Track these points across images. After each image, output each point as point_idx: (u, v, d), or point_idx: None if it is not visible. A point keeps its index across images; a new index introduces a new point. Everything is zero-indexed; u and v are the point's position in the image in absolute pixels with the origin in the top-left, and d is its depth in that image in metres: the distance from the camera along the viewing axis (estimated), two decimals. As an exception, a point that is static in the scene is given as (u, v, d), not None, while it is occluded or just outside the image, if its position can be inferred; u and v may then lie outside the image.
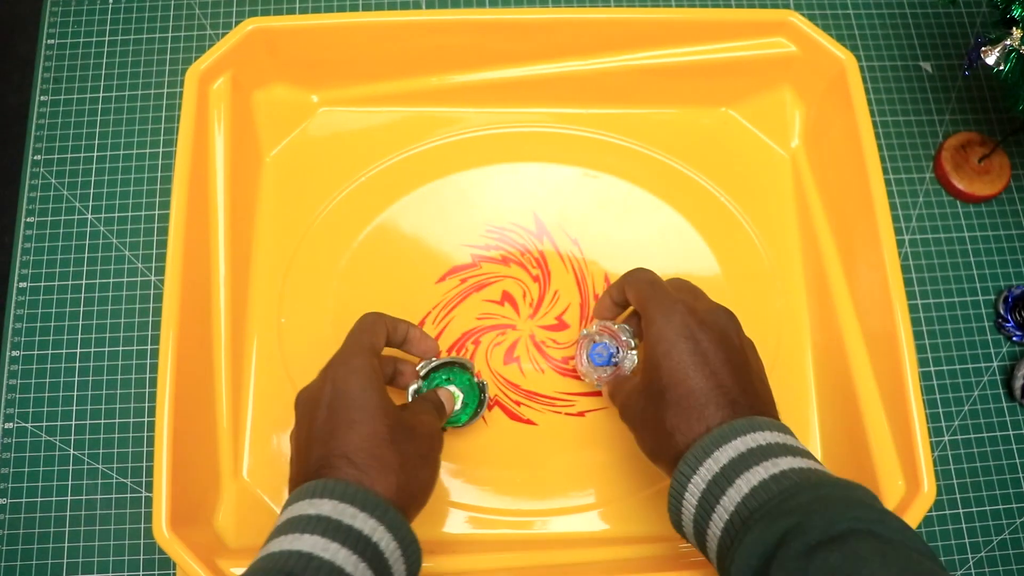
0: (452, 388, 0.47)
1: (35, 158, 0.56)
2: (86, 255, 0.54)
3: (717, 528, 0.34)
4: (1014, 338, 0.54)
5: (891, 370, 0.46)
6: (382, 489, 0.36)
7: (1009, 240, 0.57)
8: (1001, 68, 0.46)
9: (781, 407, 0.51)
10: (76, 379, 0.51)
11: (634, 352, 0.46)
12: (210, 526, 0.46)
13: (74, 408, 0.51)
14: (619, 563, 0.45)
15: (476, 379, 0.48)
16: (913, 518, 0.42)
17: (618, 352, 0.47)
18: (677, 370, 0.38)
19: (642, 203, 0.55)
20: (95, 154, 0.56)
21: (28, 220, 0.55)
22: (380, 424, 0.38)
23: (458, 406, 0.47)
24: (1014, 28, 0.45)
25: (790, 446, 0.35)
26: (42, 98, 0.57)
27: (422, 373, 0.47)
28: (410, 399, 0.46)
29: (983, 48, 0.47)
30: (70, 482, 0.49)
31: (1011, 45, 0.46)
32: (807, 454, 0.36)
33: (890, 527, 0.31)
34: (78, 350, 0.52)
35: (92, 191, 0.55)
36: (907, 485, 0.44)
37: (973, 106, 0.60)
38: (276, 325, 0.51)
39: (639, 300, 0.42)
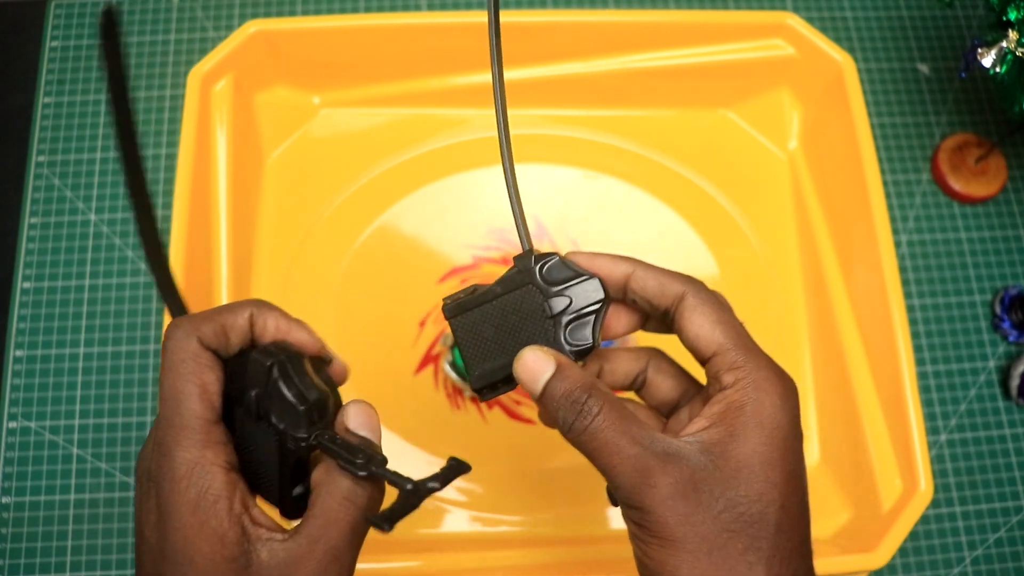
0: None
1: (39, 159, 0.56)
2: (89, 256, 0.54)
3: None
4: (1010, 338, 0.54)
5: (888, 370, 0.46)
6: None
7: (1005, 241, 0.57)
8: (997, 70, 0.46)
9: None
10: (80, 379, 0.52)
11: None
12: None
13: (77, 407, 0.51)
14: (619, 562, 0.46)
15: None
16: (910, 517, 0.43)
17: None
18: (785, 497, 0.25)
19: (641, 204, 0.55)
20: (98, 155, 0.56)
21: (32, 221, 0.55)
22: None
23: None
24: (1010, 30, 0.46)
25: None
26: (46, 100, 0.57)
27: (450, 343, 0.47)
28: (448, 371, 0.45)
29: (979, 50, 0.47)
30: (73, 481, 0.50)
31: (1007, 47, 0.46)
32: None
33: None
34: (81, 350, 0.52)
35: (95, 192, 0.55)
36: (904, 484, 0.44)
37: (970, 107, 0.60)
38: (278, 325, 0.51)
39: (721, 336, 0.26)
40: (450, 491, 0.48)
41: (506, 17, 0.53)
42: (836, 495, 0.48)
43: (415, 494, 0.24)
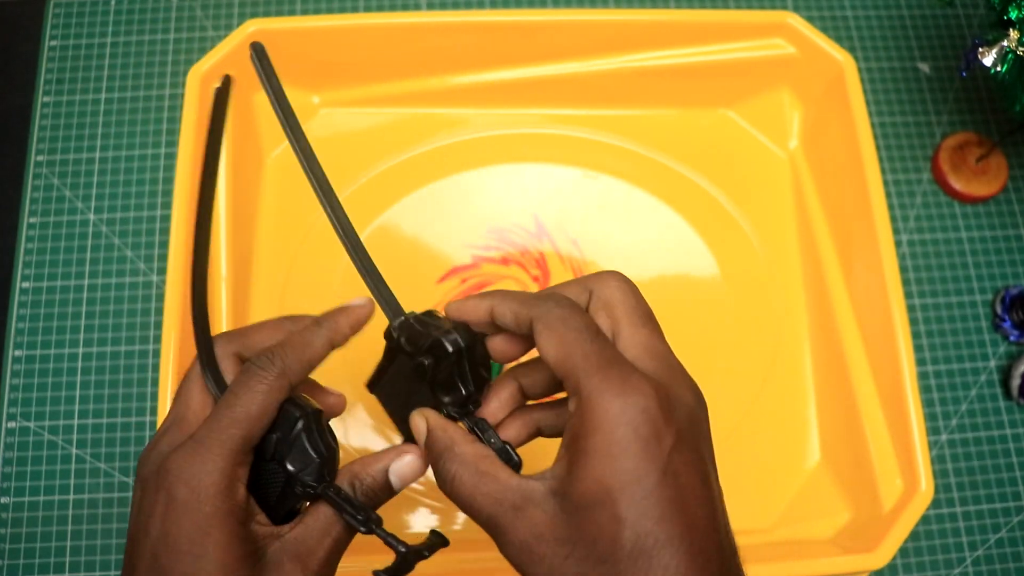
0: None
1: (38, 159, 0.56)
2: (88, 255, 0.54)
3: None
4: (1011, 337, 0.54)
5: (889, 370, 0.46)
6: None
7: (1006, 240, 0.57)
8: (998, 69, 0.46)
9: (780, 408, 0.51)
10: (79, 378, 0.52)
11: None
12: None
13: (76, 407, 0.51)
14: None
15: None
16: (911, 517, 0.43)
17: None
18: (641, 525, 0.23)
19: (641, 204, 0.55)
20: (97, 155, 0.56)
21: (31, 220, 0.55)
22: None
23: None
24: (1011, 29, 0.46)
25: None
26: (45, 99, 0.57)
27: None
28: None
29: (980, 49, 0.47)
30: (72, 481, 0.50)
31: (1008, 46, 0.46)
32: None
33: None
34: (80, 350, 0.52)
35: (94, 192, 0.55)
36: (905, 484, 0.44)
37: (971, 107, 0.60)
38: (277, 325, 0.51)
39: (565, 361, 0.25)
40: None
41: (506, 17, 0.53)
42: (836, 495, 0.48)
43: (409, 558, 0.27)
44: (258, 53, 0.31)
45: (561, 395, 0.28)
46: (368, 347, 0.51)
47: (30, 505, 0.49)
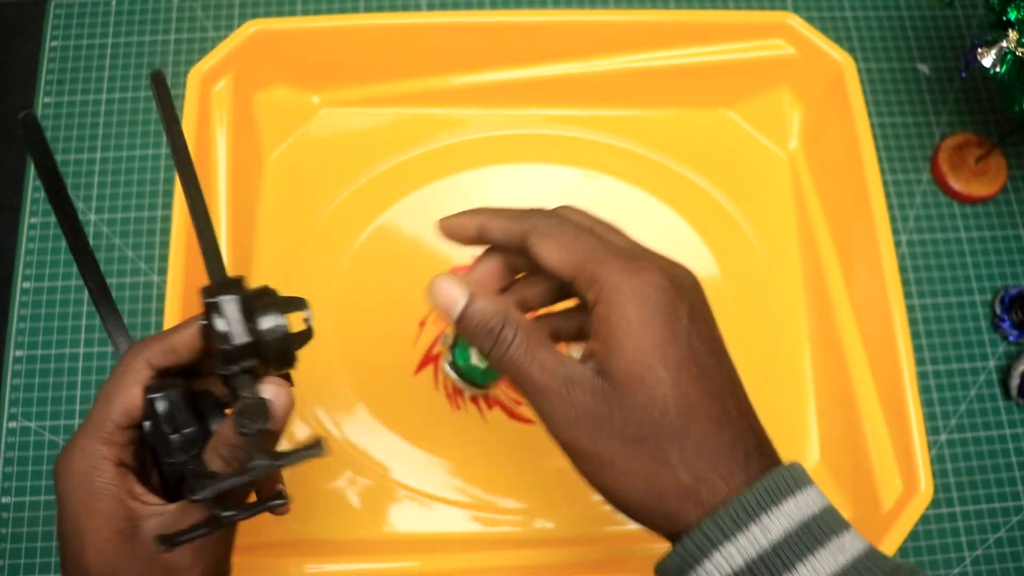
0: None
1: (38, 159, 0.56)
2: (89, 255, 0.54)
3: None
4: (1010, 338, 0.54)
5: (888, 370, 0.46)
6: None
7: (1006, 240, 0.57)
8: (997, 70, 0.46)
9: (779, 407, 0.51)
10: (79, 379, 0.52)
11: None
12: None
13: (77, 407, 0.51)
14: (618, 562, 0.46)
15: None
16: (910, 517, 0.43)
17: None
18: (680, 387, 0.26)
19: (641, 204, 0.55)
20: (98, 155, 0.56)
21: (32, 221, 0.55)
22: None
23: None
24: (1010, 30, 0.46)
25: (838, 513, 0.27)
26: (45, 100, 0.57)
27: (449, 343, 0.46)
28: (448, 372, 0.40)
29: (979, 50, 0.47)
30: (73, 481, 0.50)
31: (1007, 47, 0.46)
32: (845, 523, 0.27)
33: None
34: (81, 350, 0.52)
35: (95, 192, 0.55)
36: (904, 484, 0.44)
37: (970, 107, 0.60)
38: (278, 325, 0.51)
39: (571, 260, 0.27)
40: (450, 491, 0.48)
41: (506, 17, 0.53)
42: (836, 495, 0.48)
43: (209, 523, 0.27)
44: (156, 82, 0.31)
45: (566, 303, 0.31)
46: (366, 346, 0.51)
47: (30, 505, 0.49)
